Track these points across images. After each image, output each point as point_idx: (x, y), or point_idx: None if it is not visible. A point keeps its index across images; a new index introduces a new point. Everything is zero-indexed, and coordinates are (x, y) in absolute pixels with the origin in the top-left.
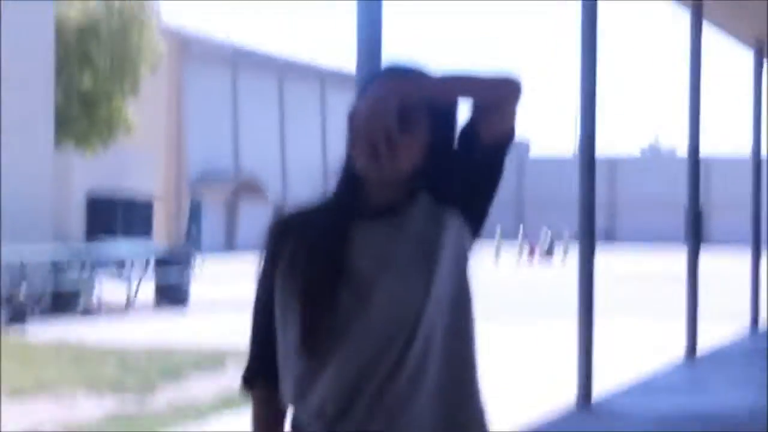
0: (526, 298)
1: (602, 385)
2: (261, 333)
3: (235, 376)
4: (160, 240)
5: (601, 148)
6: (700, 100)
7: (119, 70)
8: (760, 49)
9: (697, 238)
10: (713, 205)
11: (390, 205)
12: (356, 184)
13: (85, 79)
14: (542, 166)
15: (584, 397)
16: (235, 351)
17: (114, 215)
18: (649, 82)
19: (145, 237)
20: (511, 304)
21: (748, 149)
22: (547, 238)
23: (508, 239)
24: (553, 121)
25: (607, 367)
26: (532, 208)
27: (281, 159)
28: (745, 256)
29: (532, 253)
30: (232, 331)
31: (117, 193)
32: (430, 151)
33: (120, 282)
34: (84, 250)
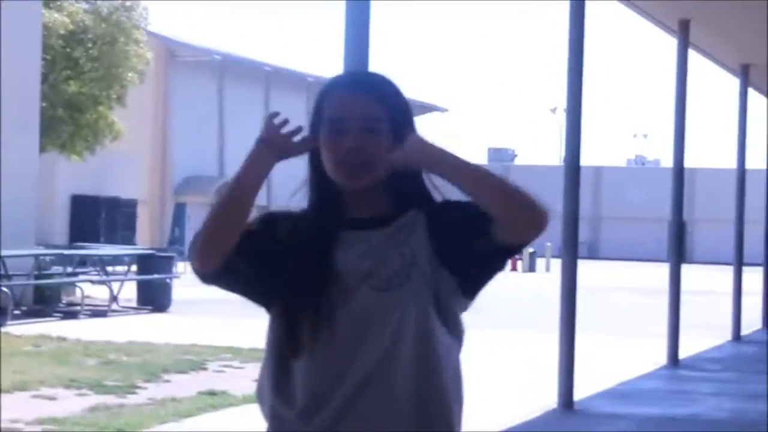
0: (507, 309)
1: (584, 392)
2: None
3: (215, 374)
4: (143, 242)
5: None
6: (685, 116)
7: (106, 76)
8: (746, 74)
9: (679, 249)
10: (697, 219)
11: (374, 216)
12: (334, 192)
13: (72, 85)
14: (528, 173)
15: (566, 401)
16: (215, 350)
17: (98, 218)
18: (637, 94)
19: (129, 239)
20: (493, 315)
21: (732, 163)
22: (528, 252)
23: None
24: (541, 130)
25: (589, 375)
26: None
27: None
28: (728, 270)
29: (515, 266)
30: (213, 331)
31: (101, 197)
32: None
33: (103, 283)
34: (67, 252)
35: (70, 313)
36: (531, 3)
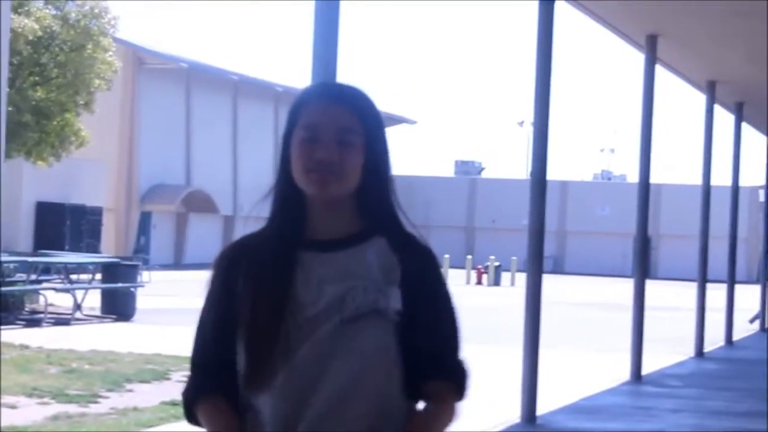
0: (472, 323)
1: (547, 406)
2: (208, 355)
3: (178, 384)
4: (108, 251)
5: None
6: (651, 131)
7: (73, 82)
8: (712, 91)
9: (644, 265)
10: (661, 235)
11: (338, 238)
12: (298, 205)
13: (39, 90)
14: (495, 186)
15: (528, 415)
16: (178, 360)
17: (63, 225)
18: (605, 109)
19: (94, 247)
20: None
21: (698, 179)
22: (494, 266)
23: (458, 263)
24: (509, 143)
25: (552, 390)
26: (483, 231)
27: (233, 175)
28: (693, 286)
29: (480, 280)
30: (177, 341)
31: (66, 204)
32: (366, 172)
33: (67, 291)
34: (31, 259)
35: (33, 321)
36: (499, 16)
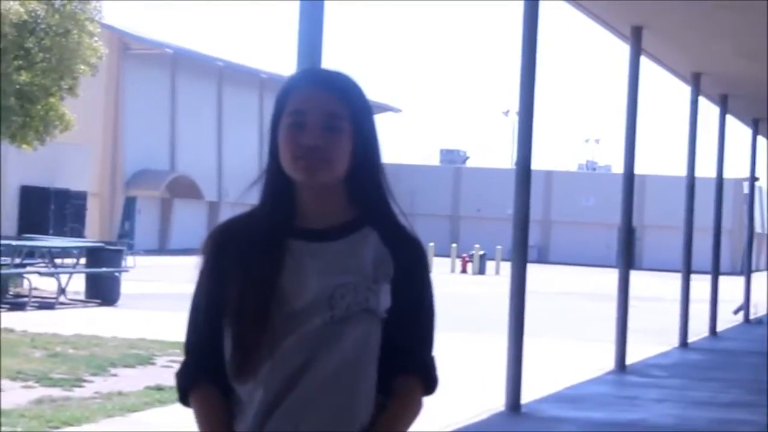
0: (456, 311)
1: (531, 395)
2: (201, 339)
3: (162, 369)
4: (92, 235)
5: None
6: (636, 122)
7: (58, 67)
8: (697, 82)
9: (629, 255)
10: (646, 226)
11: (329, 227)
12: (287, 192)
13: (23, 74)
14: (479, 175)
15: (513, 403)
16: (163, 345)
17: (47, 210)
18: (590, 99)
19: (78, 232)
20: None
21: (682, 170)
22: (479, 255)
23: (442, 251)
24: (494, 132)
25: (537, 379)
26: (468, 219)
27: (218, 161)
28: (677, 277)
29: (465, 268)
30: (162, 326)
31: (51, 188)
32: (355, 158)
33: (51, 275)
34: (15, 243)
35: (18, 305)
36: (485, 5)
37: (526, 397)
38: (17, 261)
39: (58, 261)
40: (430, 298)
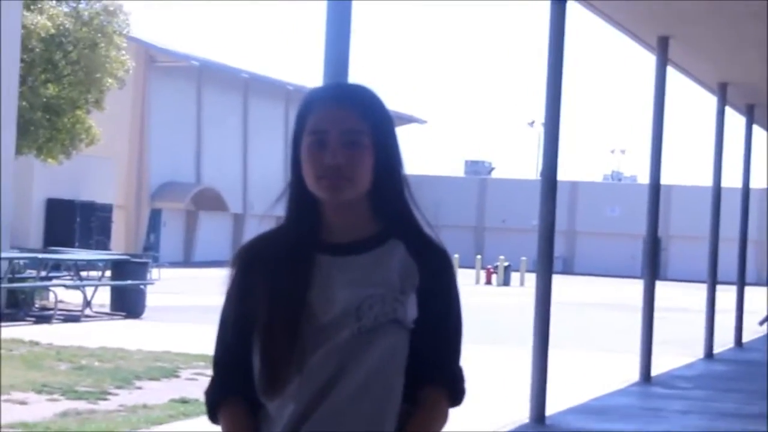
0: (481, 323)
1: (556, 407)
2: (229, 355)
3: (187, 382)
4: (118, 248)
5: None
6: (662, 133)
7: (85, 80)
8: (723, 93)
9: (654, 266)
10: (671, 236)
11: (355, 241)
12: (312, 208)
13: (50, 88)
14: (504, 186)
15: (537, 415)
16: (188, 358)
17: (73, 222)
18: (616, 110)
19: (104, 244)
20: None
21: (707, 180)
22: (503, 266)
23: (467, 262)
24: (519, 143)
25: (561, 390)
26: (493, 230)
27: (243, 173)
28: (703, 288)
29: (489, 280)
30: (187, 338)
31: (77, 201)
32: (378, 172)
33: (76, 288)
34: (41, 256)
35: (43, 318)
36: (511, 16)
37: (550, 409)
38: (43, 274)
39: (83, 274)
40: (458, 309)
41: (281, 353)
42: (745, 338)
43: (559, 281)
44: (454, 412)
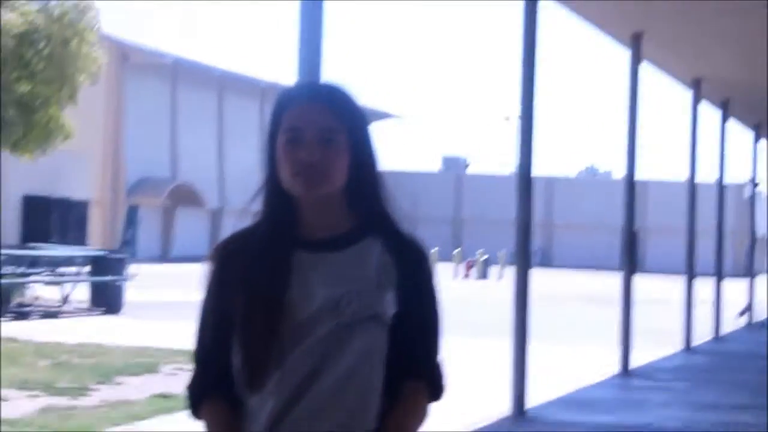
0: (460, 316)
1: (536, 399)
2: (210, 351)
3: (168, 377)
4: (95, 244)
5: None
6: (636, 128)
7: (58, 77)
8: (698, 88)
9: (631, 259)
10: (649, 229)
11: (332, 237)
12: (288, 205)
13: (23, 85)
14: (481, 182)
15: (518, 408)
16: (168, 353)
17: (49, 219)
18: (590, 106)
19: (81, 240)
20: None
21: (683, 175)
22: (482, 259)
23: (445, 256)
24: (495, 138)
25: (542, 383)
26: (470, 224)
27: (219, 169)
28: (680, 280)
29: (468, 272)
30: (166, 334)
31: (53, 197)
32: (353, 169)
33: (54, 284)
34: (19, 252)
35: (22, 314)
36: (484, 11)
37: (531, 402)
38: (20, 270)
39: (61, 270)
40: (436, 304)
41: (260, 349)
42: (724, 330)
43: (537, 274)
44: (434, 405)
